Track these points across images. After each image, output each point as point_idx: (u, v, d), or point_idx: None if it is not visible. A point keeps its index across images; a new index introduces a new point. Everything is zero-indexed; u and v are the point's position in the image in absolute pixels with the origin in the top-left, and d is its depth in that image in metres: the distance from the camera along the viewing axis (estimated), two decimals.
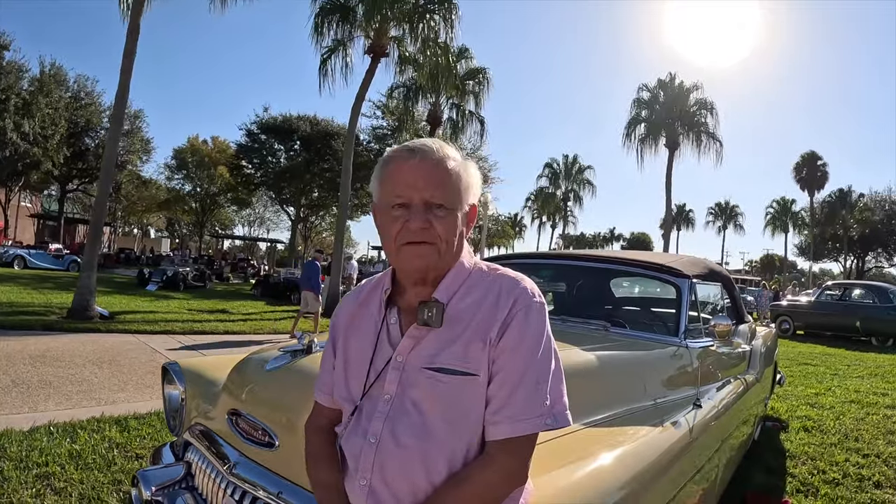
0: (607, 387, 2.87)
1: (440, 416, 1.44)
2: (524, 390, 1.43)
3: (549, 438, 2.11)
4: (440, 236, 1.46)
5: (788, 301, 22.70)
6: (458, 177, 1.50)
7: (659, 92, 32.04)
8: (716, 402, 3.53)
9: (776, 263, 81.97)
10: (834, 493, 4.82)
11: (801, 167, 62.36)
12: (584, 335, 3.68)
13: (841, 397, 8.77)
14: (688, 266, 4.24)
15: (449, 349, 1.46)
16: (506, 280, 1.54)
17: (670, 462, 2.46)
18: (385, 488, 1.44)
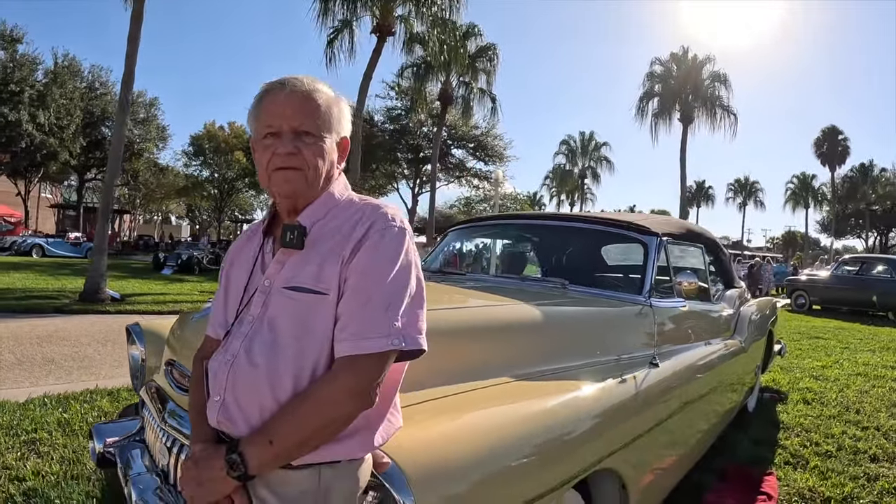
0: (550, 342, 2.75)
1: (289, 333, 1.46)
2: (372, 310, 1.42)
3: (468, 389, 2.13)
4: (307, 162, 1.51)
5: (804, 276, 22.18)
6: (327, 108, 1.56)
7: (672, 65, 31.36)
8: (678, 364, 3.34)
9: (798, 240, 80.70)
10: (825, 466, 4.53)
11: (822, 142, 61.32)
12: (539, 292, 3.55)
13: (848, 370, 8.43)
14: (658, 224, 4.00)
15: (305, 269, 1.49)
16: (370, 206, 1.58)
17: (598, 419, 2.33)
18: (235, 404, 1.46)
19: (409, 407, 1.82)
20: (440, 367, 2.13)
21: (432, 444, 1.71)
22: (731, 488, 4.05)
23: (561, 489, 2.02)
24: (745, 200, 78.62)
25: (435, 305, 2.77)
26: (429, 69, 26.47)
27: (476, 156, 42.81)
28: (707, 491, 3.99)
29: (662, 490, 3.12)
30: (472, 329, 2.50)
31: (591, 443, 2.25)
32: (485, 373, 2.30)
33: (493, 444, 1.82)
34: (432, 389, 2.06)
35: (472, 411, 2.00)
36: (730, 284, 5.53)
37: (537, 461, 1.94)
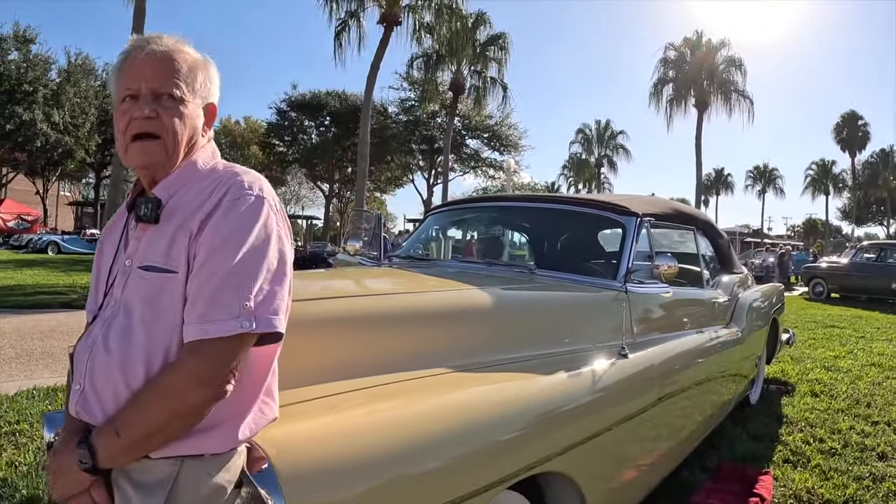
0: (501, 331, 2.51)
1: (140, 317, 1.35)
2: (219, 289, 1.30)
3: (400, 380, 1.95)
4: (167, 127, 1.40)
5: (823, 263, 21.62)
6: (191, 70, 1.45)
7: (686, 51, 30.69)
8: (655, 355, 3.04)
9: (819, 228, 79.47)
10: (827, 465, 4.20)
11: (842, 127, 60.38)
12: (502, 278, 3.33)
13: (862, 360, 8.03)
14: (639, 204, 3.68)
15: (157, 246, 1.37)
16: (228, 174, 1.44)
17: (536, 416, 2.08)
18: (92, 393, 1.36)
19: (312, 401, 1.71)
20: (359, 357, 1.98)
21: (318, 441, 1.52)
22: (720, 489, 3.74)
23: (481, 496, 1.76)
24: (765, 188, 77.43)
25: (361, 293, 2.60)
26: (439, 59, 26.29)
27: (491, 146, 42.71)
28: (694, 491, 3.69)
29: (631, 497, 2.82)
30: (401, 317, 2.29)
31: (524, 443, 2.00)
32: (415, 363, 2.08)
33: (390, 443, 1.60)
34: (346, 381, 1.86)
35: (379, 405, 1.78)
36: (729, 270, 5.19)
37: (445, 463, 1.72)
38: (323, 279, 3.15)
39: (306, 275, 3.36)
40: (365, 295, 2.59)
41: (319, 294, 2.31)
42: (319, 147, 41.45)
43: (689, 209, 4.81)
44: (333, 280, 3.17)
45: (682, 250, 4.57)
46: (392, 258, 4.14)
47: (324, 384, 1.81)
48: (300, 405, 1.67)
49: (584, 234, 3.99)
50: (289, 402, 1.64)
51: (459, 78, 28.12)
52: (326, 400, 1.74)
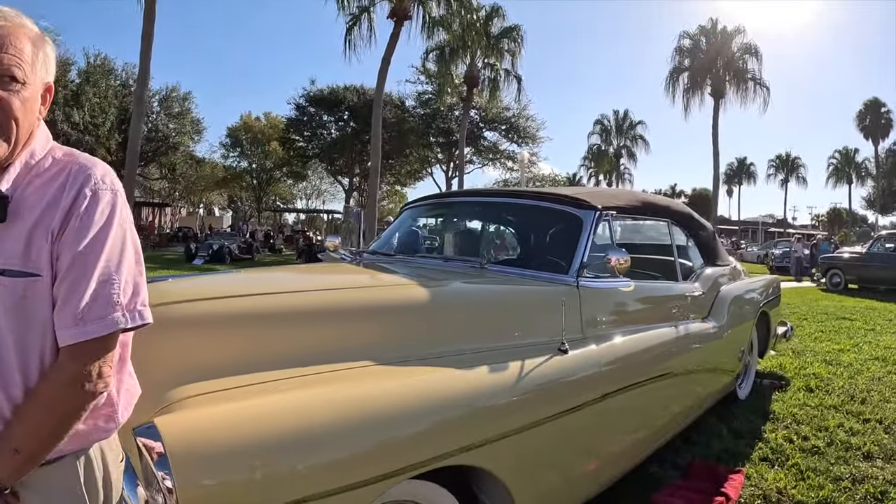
0: (434, 326, 2.55)
1: (7, 325, 1.27)
2: (91, 289, 1.29)
3: (317, 372, 2.03)
4: (9, 113, 1.27)
5: (838, 253, 21.19)
6: (33, 47, 1.35)
7: (701, 39, 30.20)
8: (602, 351, 2.96)
9: (844, 217, 78.13)
10: (806, 464, 4.06)
11: (864, 115, 59.23)
12: (453, 272, 3.36)
13: (866, 354, 7.79)
14: (600, 197, 3.58)
15: (10, 247, 1.27)
16: (76, 165, 1.37)
17: (455, 407, 2.12)
18: None
19: (231, 390, 1.84)
20: (280, 349, 2.08)
21: (214, 423, 1.65)
22: (688, 486, 3.64)
23: (375, 484, 1.81)
24: (787, 177, 76.20)
25: (293, 289, 2.58)
26: (453, 52, 26.22)
27: (508, 137, 42.53)
28: (660, 488, 3.58)
29: (572, 497, 2.74)
30: (333, 312, 2.38)
31: (427, 435, 2.01)
32: (341, 356, 2.16)
33: (280, 430, 1.70)
34: (269, 373, 1.97)
35: (286, 393, 1.87)
36: (712, 262, 5.04)
37: (336, 450, 1.77)
38: (268, 277, 3.17)
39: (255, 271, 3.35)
40: (296, 291, 2.63)
41: (253, 290, 2.51)
42: (339, 141, 41.48)
43: (662, 201, 4.69)
44: (277, 277, 3.18)
45: (656, 243, 4.45)
46: (363, 254, 4.10)
47: (237, 376, 1.92)
48: (214, 394, 1.81)
49: (543, 228, 3.90)
50: (205, 390, 1.82)
51: (473, 71, 28.03)
52: (236, 390, 1.85)
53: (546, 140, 50.06)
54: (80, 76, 38.05)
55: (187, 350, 1.97)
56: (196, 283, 2.68)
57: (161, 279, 2.60)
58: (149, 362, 1.86)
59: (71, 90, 36.50)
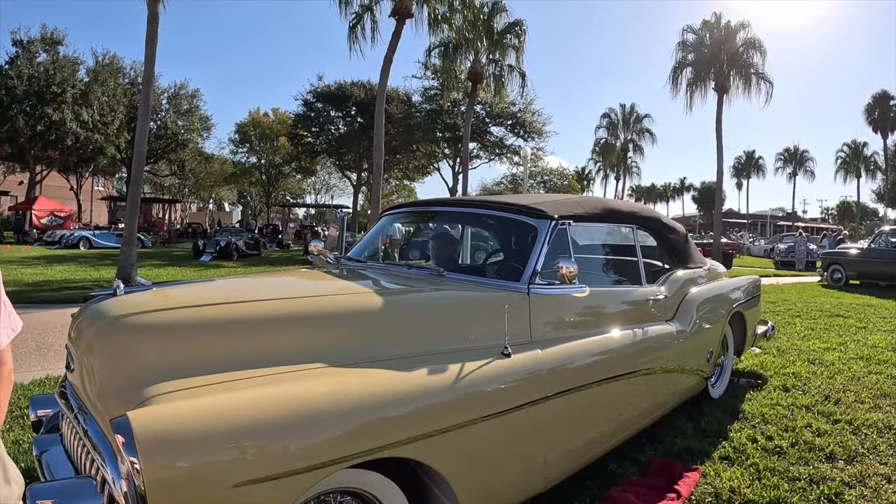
0: (384, 331, 2.76)
1: None
2: (2, 305, 1.60)
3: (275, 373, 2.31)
4: None
5: (839, 248, 21.14)
6: None
7: (704, 33, 30.05)
8: (547, 353, 3.13)
9: (853, 210, 77.55)
10: (764, 464, 4.17)
11: (873, 108, 58.62)
12: (412, 279, 3.57)
13: (851, 353, 7.85)
14: (557, 206, 3.72)
15: None
16: None
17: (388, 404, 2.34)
18: None
19: (194, 388, 2.13)
20: (242, 353, 2.36)
21: (175, 416, 1.94)
22: (643, 483, 3.78)
23: (312, 472, 2.06)
24: (796, 170, 75.76)
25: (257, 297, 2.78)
26: (456, 48, 26.25)
27: (515, 132, 42.50)
28: (619, 482, 3.73)
29: (515, 493, 2.90)
30: (290, 318, 2.64)
31: (360, 427, 2.23)
32: (297, 358, 2.43)
33: (234, 421, 1.97)
34: (231, 373, 2.26)
35: (243, 391, 2.15)
36: (683, 265, 5.15)
37: (276, 441, 2.02)
38: (238, 285, 3.37)
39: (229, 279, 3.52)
40: (260, 300, 2.82)
41: (221, 299, 2.79)
42: (346, 137, 41.66)
43: (628, 207, 4.81)
44: (246, 285, 3.37)
45: (623, 249, 4.57)
46: (340, 259, 4.28)
47: (210, 375, 2.22)
48: (180, 392, 2.10)
49: (503, 237, 4.05)
50: (173, 389, 2.11)
51: (477, 67, 28.03)
52: (199, 388, 2.13)
53: (553, 134, 49.95)
54: (88, 75, 38.34)
55: (161, 353, 2.26)
56: (174, 293, 2.98)
57: (145, 287, 2.94)
58: (129, 364, 2.23)
59: (80, 89, 36.79)
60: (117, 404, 2.08)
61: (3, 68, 35.23)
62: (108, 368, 2.31)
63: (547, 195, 4.33)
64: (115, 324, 2.39)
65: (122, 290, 2.67)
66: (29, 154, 37.58)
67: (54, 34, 36.71)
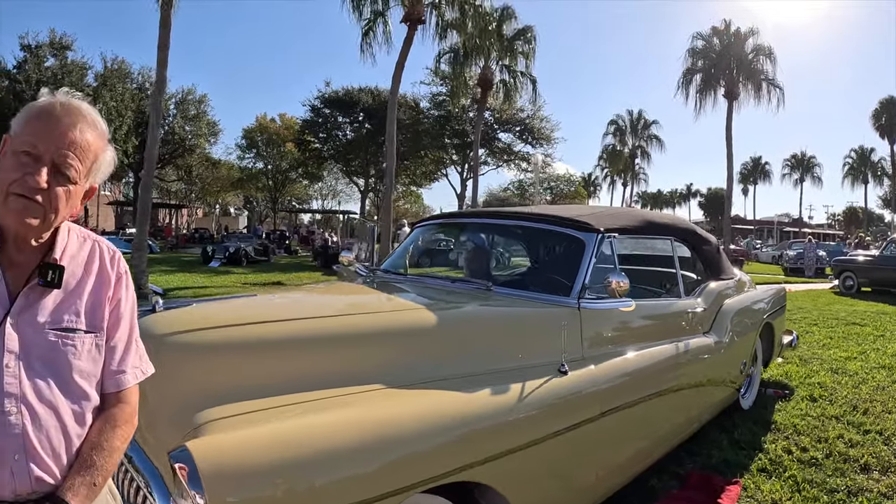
0: (439, 349, 2.72)
1: (79, 374, 1.46)
2: (132, 345, 1.62)
3: (333, 395, 2.23)
4: (53, 204, 1.41)
5: (851, 255, 21.12)
6: (95, 154, 1.48)
7: (714, 40, 30.13)
8: (600, 371, 3.13)
9: (860, 216, 77.52)
10: (802, 476, 4.19)
11: (880, 114, 58.75)
12: (461, 293, 3.54)
13: (873, 362, 7.86)
14: (602, 219, 3.74)
15: (68, 307, 1.47)
16: (102, 241, 1.63)
17: (461, 428, 2.31)
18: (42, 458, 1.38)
19: (252, 413, 2.04)
20: (300, 374, 2.28)
21: (240, 446, 1.85)
22: (684, 497, 3.79)
23: (388, 499, 2.01)
24: (803, 176, 75.79)
25: (310, 315, 2.76)
26: (466, 54, 26.35)
27: (523, 139, 42.60)
28: (659, 497, 3.74)
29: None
30: (347, 337, 2.58)
31: (436, 453, 2.20)
32: (354, 380, 2.35)
33: (303, 450, 1.90)
34: (286, 396, 2.17)
35: (304, 417, 2.07)
36: (716, 276, 5.17)
37: (353, 468, 1.96)
38: (284, 301, 3.35)
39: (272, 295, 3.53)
40: (314, 318, 2.79)
41: (271, 317, 2.66)
42: (354, 143, 41.79)
43: (665, 219, 4.83)
44: (294, 301, 3.35)
45: (661, 261, 4.60)
46: (375, 271, 4.28)
47: (264, 398, 2.12)
48: (237, 417, 2.01)
49: (547, 250, 4.06)
50: (229, 414, 2.01)
51: (487, 73, 28.13)
52: (258, 414, 2.04)
53: (560, 141, 50.00)
54: (97, 80, 38.47)
55: (211, 375, 2.16)
56: (218, 309, 2.79)
57: (184, 303, 2.68)
58: (176, 387, 2.11)
59: (88, 94, 36.80)
60: (167, 432, 2.00)
61: (12, 72, 35.35)
62: (155, 392, 2.03)
63: (585, 207, 4.37)
64: (160, 344, 2.13)
65: (160, 307, 2.45)
66: None
67: (63, 39, 36.83)
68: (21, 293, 1.43)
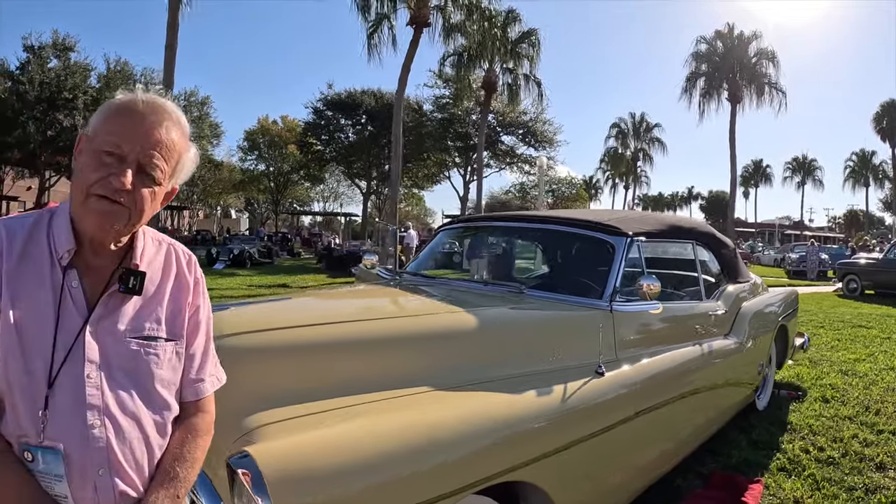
0: (481, 352, 2.78)
1: (155, 382, 1.42)
2: (210, 352, 1.60)
3: (368, 400, 2.21)
4: (137, 206, 1.36)
5: (856, 258, 21.24)
6: (179, 154, 1.44)
7: (717, 43, 30.30)
8: (634, 372, 3.23)
9: (860, 219, 77.76)
10: (821, 474, 4.29)
11: (882, 117, 58.91)
12: (494, 296, 3.60)
13: (882, 364, 7.98)
14: (630, 223, 3.83)
15: (149, 314, 1.44)
16: (177, 245, 1.60)
17: (497, 432, 2.32)
18: (125, 470, 1.35)
19: (305, 417, 2.05)
20: (349, 378, 2.30)
21: (301, 451, 1.86)
22: (708, 496, 3.88)
23: (443, 501, 2.04)
24: (804, 179, 76.10)
25: (354, 318, 2.84)
26: (471, 57, 26.46)
27: (526, 142, 42.73)
28: (684, 496, 3.84)
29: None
30: (391, 340, 2.62)
31: (486, 455, 2.24)
32: (400, 382, 2.38)
33: (364, 454, 1.91)
34: (335, 400, 2.18)
35: (358, 420, 2.09)
36: (734, 279, 5.28)
37: (411, 471, 1.99)
38: (323, 304, 3.43)
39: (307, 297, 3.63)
40: (357, 321, 2.86)
41: (315, 320, 2.70)
42: (356, 145, 41.89)
43: (687, 223, 4.93)
44: (332, 304, 3.44)
45: (683, 264, 4.69)
46: (402, 274, 4.37)
47: (314, 402, 2.14)
48: (290, 421, 2.02)
49: (578, 253, 4.16)
50: (281, 418, 2.03)
51: (491, 76, 28.23)
52: (312, 417, 2.05)
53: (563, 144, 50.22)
54: (100, 81, 38.45)
55: (259, 379, 2.15)
56: (260, 313, 2.83)
57: (222, 307, 2.62)
58: (225, 391, 2.13)
59: (91, 95, 36.91)
60: (217, 437, 1.89)
61: (15, 74, 35.43)
62: None
63: (609, 211, 4.45)
64: None
65: None
66: (39, 160, 37.69)
67: (66, 40, 36.88)
68: (100, 300, 1.38)
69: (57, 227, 1.39)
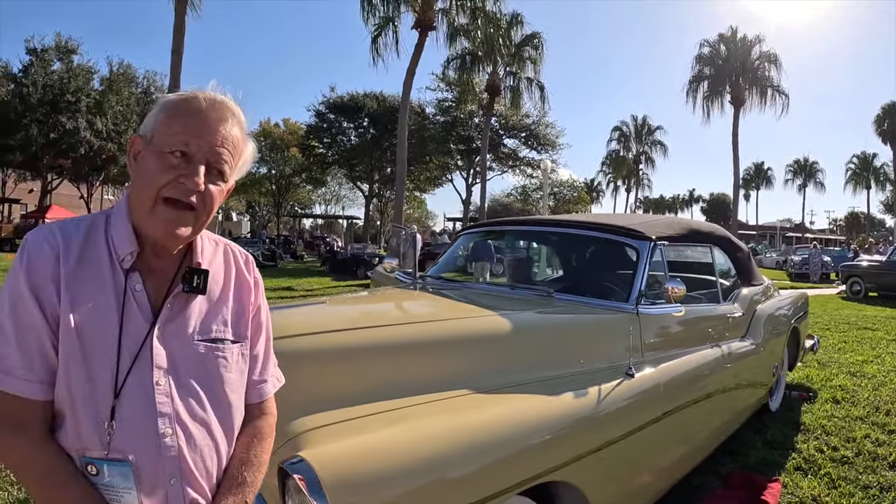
0: (516, 355, 2.85)
1: (224, 386, 1.39)
2: (271, 353, 1.58)
3: (412, 403, 2.26)
4: (207, 206, 1.33)
5: (859, 261, 21.35)
6: (241, 149, 1.40)
7: (720, 47, 30.45)
8: (661, 373, 3.32)
9: (861, 222, 77.94)
10: (837, 473, 4.40)
11: (883, 119, 58.93)
12: (523, 300, 3.68)
13: (889, 365, 8.09)
14: (653, 227, 3.93)
15: (216, 316, 1.41)
16: (233, 245, 1.56)
17: (538, 433, 2.40)
18: (196, 476, 1.31)
19: (351, 421, 2.08)
20: (390, 381, 2.33)
21: (353, 455, 1.89)
22: (728, 495, 3.98)
23: (490, 502, 2.09)
24: (805, 182, 76.36)
25: (393, 321, 2.93)
26: (475, 60, 26.55)
27: (528, 145, 42.82)
28: (704, 496, 3.93)
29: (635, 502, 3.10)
30: (431, 343, 2.68)
31: (529, 456, 2.31)
32: (440, 385, 2.44)
33: (414, 458, 1.96)
34: (378, 403, 2.21)
35: (405, 424, 2.12)
36: (748, 282, 5.38)
37: (460, 473, 2.05)
38: (359, 308, 3.52)
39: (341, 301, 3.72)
40: (397, 324, 2.95)
41: (355, 324, 2.77)
42: (358, 148, 41.91)
43: (705, 227, 5.03)
44: (368, 308, 3.53)
45: (700, 267, 4.79)
46: (426, 278, 4.42)
47: (358, 406, 2.18)
48: (336, 425, 2.05)
49: (602, 257, 4.26)
50: (325, 422, 2.06)
51: (495, 79, 28.32)
52: (361, 421, 2.10)
53: (565, 147, 50.31)
54: (103, 84, 38.57)
55: (302, 384, 2.10)
56: (302, 316, 2.89)
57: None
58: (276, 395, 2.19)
59: (94, 98, 36.99)
60: None
61: (17, 76, 35.53)
62: None
63: (628, 215, 4.54)
64: None
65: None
66: (41, 162, 37.74)
67: (68, 43, 36.97)
68: (165, 303, 1.33)
69: (116, 228, 1.34)
